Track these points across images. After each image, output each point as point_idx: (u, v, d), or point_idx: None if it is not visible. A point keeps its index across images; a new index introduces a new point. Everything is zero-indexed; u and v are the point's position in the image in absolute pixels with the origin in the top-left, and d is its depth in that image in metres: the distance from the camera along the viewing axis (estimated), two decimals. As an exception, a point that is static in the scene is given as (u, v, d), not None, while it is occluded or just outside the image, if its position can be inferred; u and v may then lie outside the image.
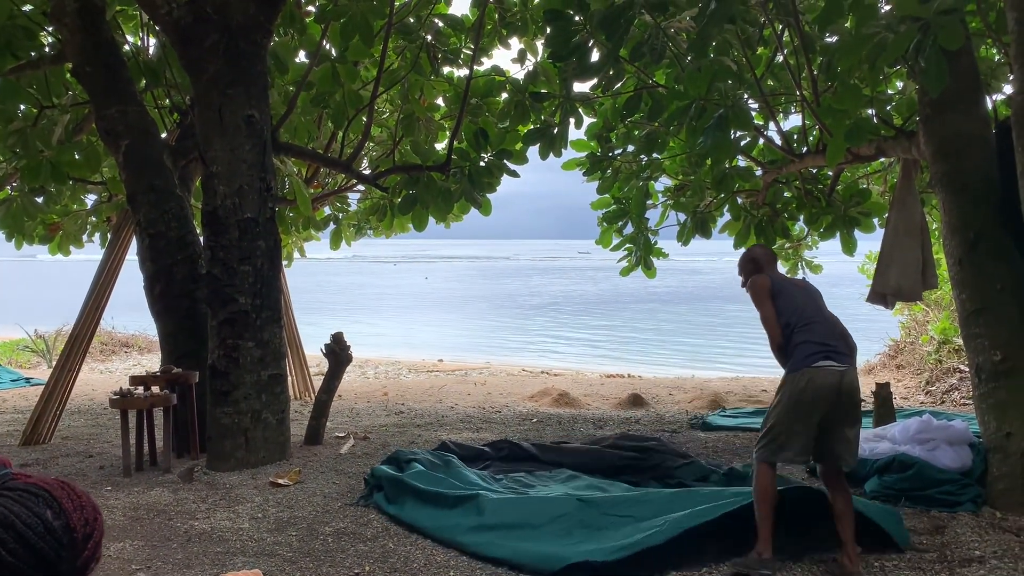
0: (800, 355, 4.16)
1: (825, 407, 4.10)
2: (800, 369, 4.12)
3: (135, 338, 19.05)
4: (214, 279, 6.55)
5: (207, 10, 6.36)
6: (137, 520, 5.15)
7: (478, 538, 4.58)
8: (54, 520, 1.21)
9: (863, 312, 10.54)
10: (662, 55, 6.86)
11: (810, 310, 4.36)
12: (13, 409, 10.05)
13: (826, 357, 4.13)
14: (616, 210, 9.84)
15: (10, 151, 8.48)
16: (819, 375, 4.08)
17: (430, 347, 20.77)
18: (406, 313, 33.07)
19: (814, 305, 4.42)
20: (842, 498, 4.17)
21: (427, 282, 55.94)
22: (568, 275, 65.08)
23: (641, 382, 12.92)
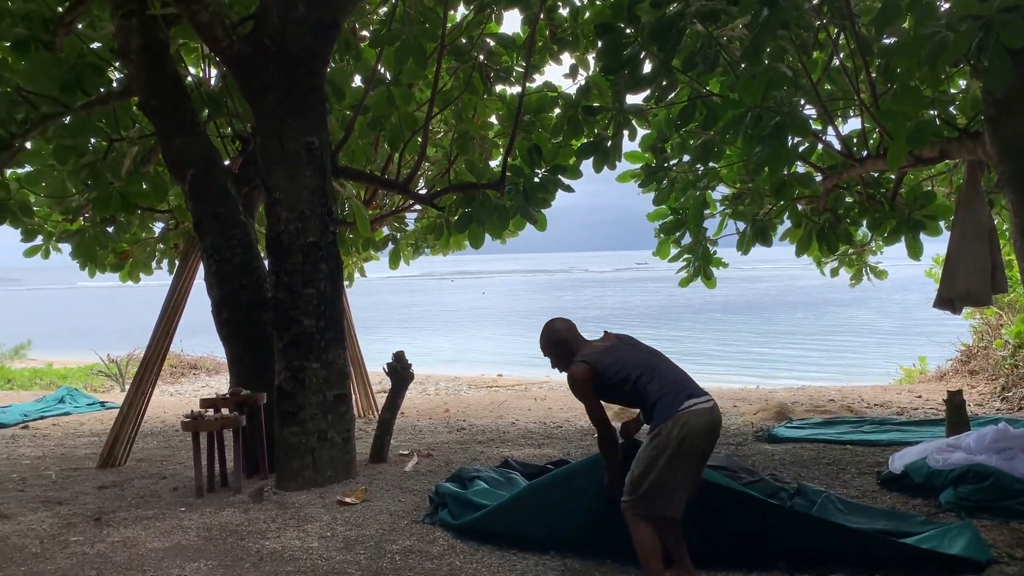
0: (664, 404, 4.03)
1: (704, 446, 4.04)
2: (671, 417, 3.97)
3: (203, 360, 19.56)
4: (279, 302, 6.70)
5: (265, 41, 6.54)
6: (210, 540, 5.28)
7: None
8: None
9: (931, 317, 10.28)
10: (715, 64, 6.82)
11: (644, 358, 4.30)
12: (90, 432, 10.40)
13: (690, 396, 4.05)
14: (673, 221, 9.78)
15: (82, 183, 8.83)
16: (692, 417, 3.98)
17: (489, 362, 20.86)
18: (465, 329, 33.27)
19: (645, 352, 4.37)
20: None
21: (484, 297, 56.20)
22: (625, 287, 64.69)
23: (704, 394, 12.75)
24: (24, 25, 7.61)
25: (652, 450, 3.99)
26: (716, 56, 6.76)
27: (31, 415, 11.73)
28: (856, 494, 5.84)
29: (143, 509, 6.16)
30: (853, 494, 5.83)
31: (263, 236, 8.14)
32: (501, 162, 8.75)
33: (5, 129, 8.02)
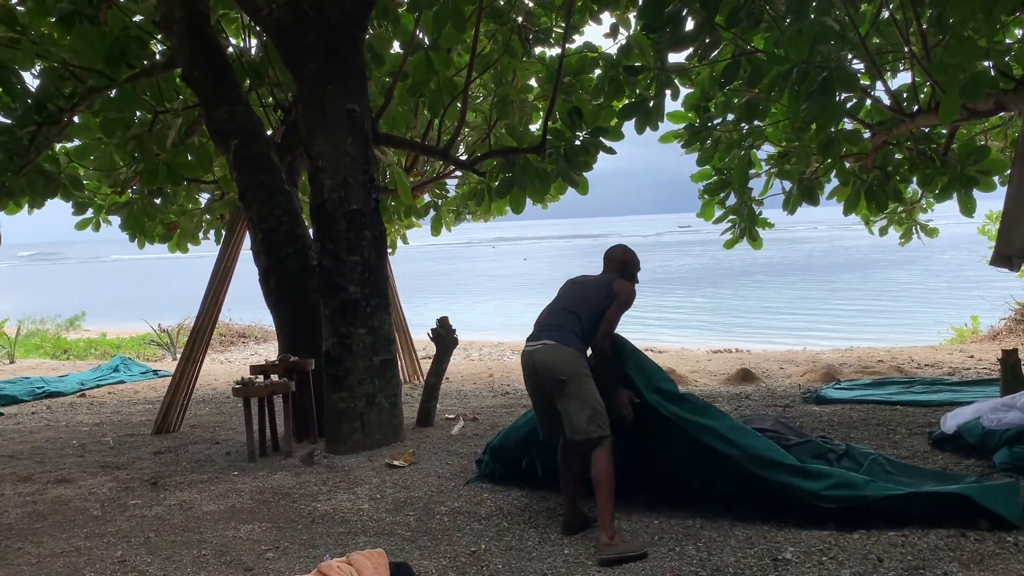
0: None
1: (530, 383, 4.60)
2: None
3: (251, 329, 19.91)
4: (325, 270, 6.77)
5: (305, 9, 6.54)
6: (264, 503, 5.41)
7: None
8: None
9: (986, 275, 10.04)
10: (760, 19, 6.67)
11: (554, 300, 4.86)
12: (144, 400, 10.68)
13: (528, 340, 4.65)
14: (717, 181, 9.64)
15: (129, 156, 8.97)
16: (523, 356, 4.66)
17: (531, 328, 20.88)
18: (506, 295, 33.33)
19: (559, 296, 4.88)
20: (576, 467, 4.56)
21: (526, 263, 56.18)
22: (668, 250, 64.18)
23: (750, 356, 12.67)
24: (69, 0, 7.70)
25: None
26: (760, 11, 6.61)
27: (87, 384, 12.08)
28: (907, 455, 5.76)
29: (197, 473, 6.32)
30: (904, 455, 5.75)
31: (306, 205, 8.23)
32: (541, 125, 8.68)
33: (53, 103, 8.15)
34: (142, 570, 4.27)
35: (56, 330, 21.28)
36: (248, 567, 4.24)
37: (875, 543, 4.05)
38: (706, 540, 4.30)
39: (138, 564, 4.35)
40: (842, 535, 4.18)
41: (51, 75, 8.12)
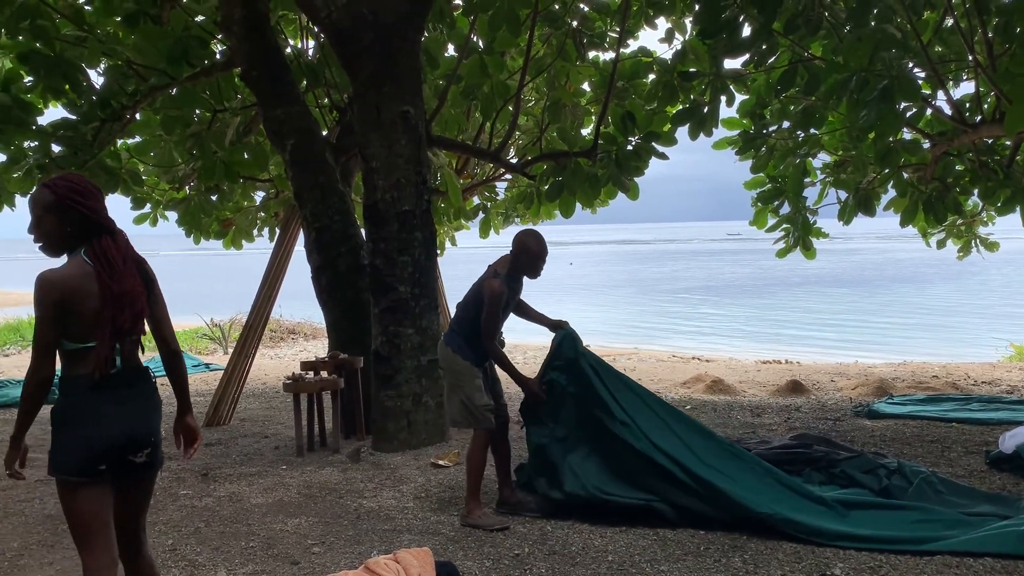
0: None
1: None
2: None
3: (301, 325, 20.15)
4: (376, 269, 6.85)
5: (363, 10, 6.61)
6: (311, 498, 5.48)
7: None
8: None
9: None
10: (818, 26, 6.58)
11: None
12: (196, 393, 10.87)
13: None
14: (771, 189, 9.53)
15: (188, 153, 9.17)
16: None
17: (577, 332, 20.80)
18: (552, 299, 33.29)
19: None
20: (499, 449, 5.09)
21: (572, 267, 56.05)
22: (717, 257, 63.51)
23: (800, 368, 12.47)
24: (133, 0, 7.90)
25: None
26: (819, 18, 6.53)
27: (142, 375, 12.34)
28: (962, 474, 5.62)
29: (247, 466, 6.43)
30: (959, 474, 5.61)
31: (359, 205, 8.33)
32: (593, 130, 8.66)
33: (117, 101, 8.37)
34: (191, 559, 4.35)
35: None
36: (295, 560, 4.30)
37: (928, 563, 3.96)
38: (752, 553, 4.24)
39: (188, 553, 4.44)
40: (893, 554, 4.10)
41: (115, 73, 8.34)
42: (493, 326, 4.89)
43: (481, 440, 4.94)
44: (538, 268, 5.03)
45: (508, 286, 4.93)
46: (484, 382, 4.98)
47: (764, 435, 7.04)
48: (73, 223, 2.77)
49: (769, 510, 4.51)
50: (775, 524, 4.46)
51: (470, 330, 4.94)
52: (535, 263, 5.00)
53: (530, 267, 5.00)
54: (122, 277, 2.81)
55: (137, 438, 2.89)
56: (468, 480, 4.93)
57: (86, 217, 2.78)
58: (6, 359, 15.06)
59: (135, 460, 2.89)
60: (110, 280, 2.76)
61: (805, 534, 4.37)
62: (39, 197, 2.79)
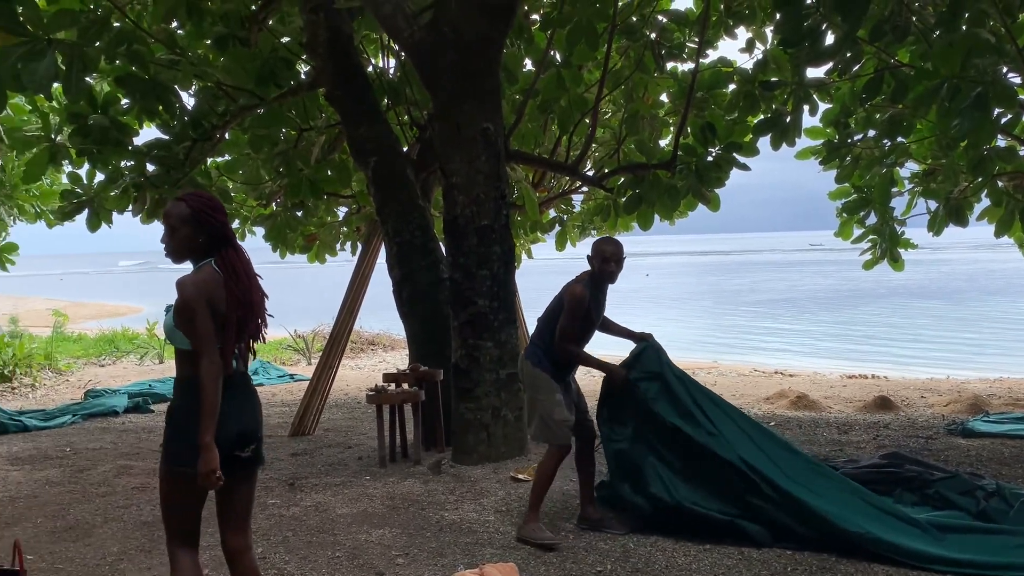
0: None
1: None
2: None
3: (380, 336, 20.50)
4: (455, 283, 6.93)
5: (444, 29, 6.73)
6: (394, 509, 5.56)
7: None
8: None
9: None
10: (906, 32, 6.40)
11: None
12: (281, 403, 11.17)
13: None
14: (857, 199, 9.29)
15: (275, 171, 9.46)
16: None
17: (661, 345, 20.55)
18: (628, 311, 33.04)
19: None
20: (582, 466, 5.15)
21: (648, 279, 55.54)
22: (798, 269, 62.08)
23: (888, 383, 12.07)
24: (223, 24, 8.22)
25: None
26: (907, 24, 6.34)
27: (229, 385, 12.73)
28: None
29: (331, 476, 6.57)
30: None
31: (438, 220, 8.44)
32: (672, 141, 8.60)
33: (207, 121, 8.70)
34: (280, 567, 4.47)
35: (201, 333, 22.53)
36: (380, 572, 4.37)
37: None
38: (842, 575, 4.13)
39: (277, 562, 4.56)
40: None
41: (206, 94, 8.68)
42: (572, 328, 4.85)
43: (555, 455, 4.90)
44: (616, 271, 4.98)
45: (591, 294, 4.91)
46: (566, 397, 4.96)
47: (852, 453, 6.85)
48: (204, 234, 3.03)
49: (860, 529, 4.38)
50: (866, 544, 4.33)
51: (551, 343, 4.94)
52: (613, 265, 4.95)
53: (608, 271, 4.96)
54: (249, 287, 3.09)
55: (246, 434, 3.10)
56: (532, 491, 4.92)
57: (216, 229, 3.05)
58: (102, 369, 15.74)
59: (242, 455, 3.08)
60: (237, 289, 3.03)
61: (899, 556, 4.23)
62: (175, 210, 3.05)
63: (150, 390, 11.46)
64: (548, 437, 4.91)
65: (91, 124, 8.06)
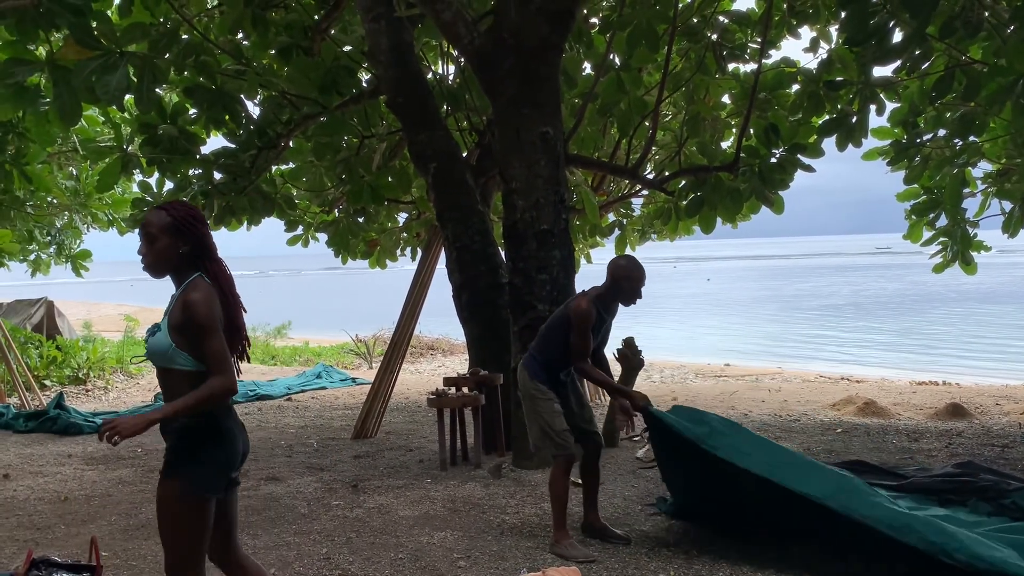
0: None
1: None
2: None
3: (439, 341, 20.66)
4: (515, 288, 6.93)
5: (504, 35, 6.76)
6: (455, 512, 5.59)
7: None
8: None
9: None
10: (978, 28, 6.20)
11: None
12: (343, 406, 11.33)
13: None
14: (927, 201, 9.05)
15: (337, 177, 9.61)
16: None
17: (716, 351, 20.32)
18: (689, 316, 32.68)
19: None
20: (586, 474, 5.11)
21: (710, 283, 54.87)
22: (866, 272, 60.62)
23: (960, 390, 11.70)
24: (287, 34, 8.39)
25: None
26: (979, 19, 6.15)
27: (293, 388, 12.97)
28: None
29: (393, 479, 6.63)
30: None
31: (497, 225, 8.47)
32: (735, 143, 8.48)
33: (272, 130, 8.90)
34: (345, 568, 4.52)
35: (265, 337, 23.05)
36: (441, 574, 4.39)
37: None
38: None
39: (341, 562, 4.62)
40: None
41: (271, 103, 8.88)
42: (584, 346, 4.77)
43: (561, 467, 4.84)
44: (636, 293, 4.89)
45: (598, 310, 4.83)
46: (571, 406, 4.95)
47: (923, 461, 6.65)
48: (187, 245, 2.87)
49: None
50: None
51: (550, 355, 4.90)
52: (635, 288, 4.87)
53: (629, 292, 4.87)
54: (238, 303, 2.98)
55: (244, 453, 3.02)
56: (553, 508, 4.84)
57: (199, 240, 2.90)
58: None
59: (235, 475, 3.01)
60: (233, 305, 2.94)
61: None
62: (155, 218, 2.88)
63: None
64: (550, 448, 4.88)
65: (161, 134, 8.31)
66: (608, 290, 4.91)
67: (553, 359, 4.92)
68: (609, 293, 4.91)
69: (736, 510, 4.85)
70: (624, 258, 5.02)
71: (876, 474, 5.76)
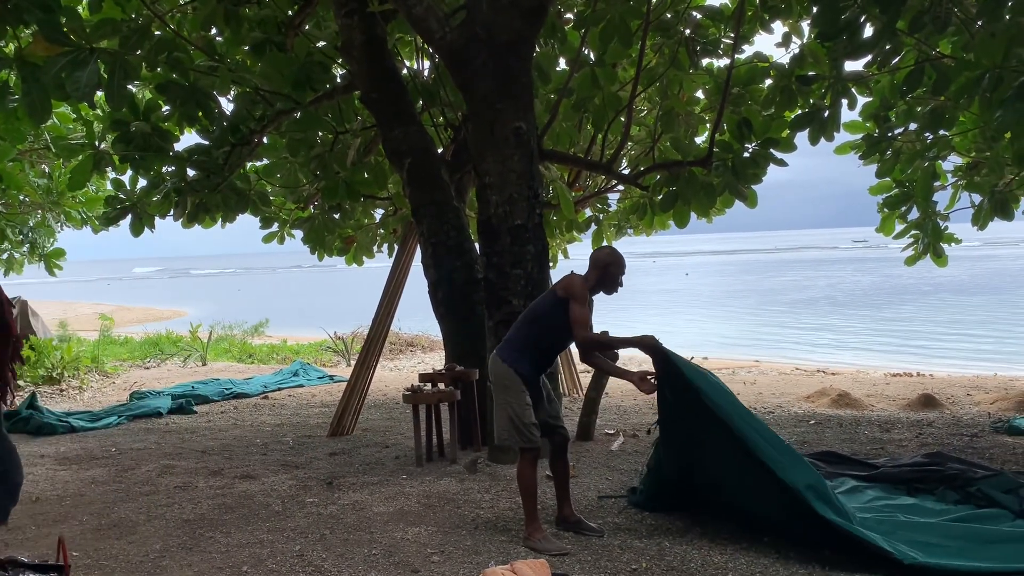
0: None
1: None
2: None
3: (418, 338, 20.63)
4: (489, 283, 6.94)
5: (476, 30, 6.75)
6: (430, 507, 5.59)
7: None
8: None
9: None
10: (947, 23, 6.28)
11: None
12: (320, 403, 11.30)
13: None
14: (898, 194, 9.14)
15: (312, 174, 9.57)
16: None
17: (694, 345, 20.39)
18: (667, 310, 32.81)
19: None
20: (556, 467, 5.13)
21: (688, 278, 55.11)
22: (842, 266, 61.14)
23: (933, 381, 11.85)
24: (260, 29, 8.34)
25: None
26: (948, 14, 6.23)
27: (270, 386, 12.92)
28: (1119, 496, 5.20)
29: (369, 475, 6.63)
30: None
31: (473, 220, 8.47)
32: (708, 138, 8.53)
33: (245, 126, 8.84)
34: (317, 565, 4.51)
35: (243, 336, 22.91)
36: (415, 569, 4.39)
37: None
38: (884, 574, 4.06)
39: (314, 559, 4.61)
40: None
41: (244, 99, 8.82)
42: (586, 317, 4.77)
43: (528, 460, 4.87)
44: (618, 281, 4.97)
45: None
46: (542, 400, 4.97)
47: (893, 451, 6.74)
48: None
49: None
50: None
51: (528, 344, 4.91)
52: (617, 275, 4.94)
53: (612, 280, 4.93)
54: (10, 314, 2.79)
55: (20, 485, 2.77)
56: (523, 502, 4.87)
57: None
58: (147, 371, 16.06)
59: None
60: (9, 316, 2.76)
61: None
62: None
63: (193, 391, 11.65)
64: (516, 440, 4.87)
65: (133, 131, 8.25)
66: (592, 278, 4.93)
67: (541, 346, 4.92)
68: (593, 281, 4.93)
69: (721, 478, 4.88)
70: (606, 248, 5.10)
71: (846, 464, 5.84)
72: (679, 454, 5.05)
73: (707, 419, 4.73)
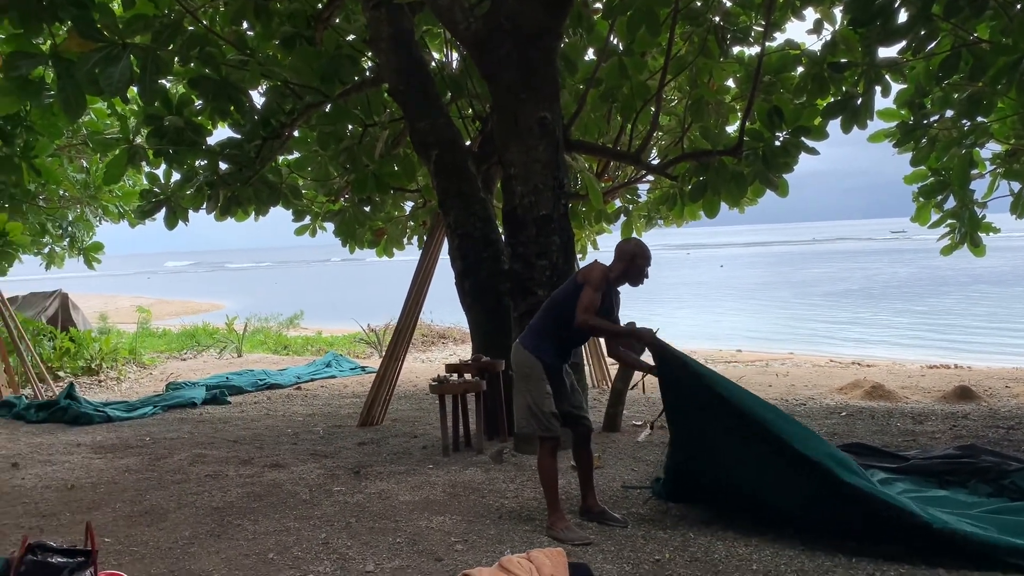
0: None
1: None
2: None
3: (451, 330, 20.69)
4: (515, 274, 6.95)
5: (501, 20, 6.74)
6: (455, 496, 5.62)
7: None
8: None
9: None
10: (984, 7, 6.15)
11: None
12: (352, 394, 11.39)
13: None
14: (934, 183, 8.96)
15: (341, 167, 9.62)
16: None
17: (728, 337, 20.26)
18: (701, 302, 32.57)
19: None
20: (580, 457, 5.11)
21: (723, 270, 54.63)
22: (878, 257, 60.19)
23: (970, 373, 11.63)
24: (290, 23, 8.40)
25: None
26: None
27: (303, 377, 13.05)
28: None
29: (396, 465, 6.67)
30: None
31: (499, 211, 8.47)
32: (739, 127, 8.43)
33: (276, 120, 8.92)
34: (342, 552, 4.56)
35: (278, 328, 23.18)
36: (439, 557, 4.42)
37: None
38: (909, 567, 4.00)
39: (339, 547, 4.65)
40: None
41: (274, 93, 8.89)
42: (590, 302, 4.70)
43: (547, 449, 4.85)
44: (644, 273, 4.93)
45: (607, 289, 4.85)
46: (560, 389, 4.93)
47: (925, 444, 6.63)
48: None
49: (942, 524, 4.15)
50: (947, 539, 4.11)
51: (548, 330, 4.89)
52: (643, 267, 4.91)
53: (637, 272, 4.91)
54: None
55: None
56: (545, 492, 4.87)
57: None
58: (183, 363, 16.31)
59: None
60: None
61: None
62: None
63: (227, 382, 11.81)
64: (535, 428, 4.86)
65: (167, 125, 8.35)
66: (617, 269, 4.91)
67: (562, 333, 4.88)
68: (618, 272, 4.91)
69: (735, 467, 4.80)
70: (632, 239, 5.09)
71: (876, 456, 5.75)
72: (688, 444, 5.00)
73: (716, 405, 4.69)
